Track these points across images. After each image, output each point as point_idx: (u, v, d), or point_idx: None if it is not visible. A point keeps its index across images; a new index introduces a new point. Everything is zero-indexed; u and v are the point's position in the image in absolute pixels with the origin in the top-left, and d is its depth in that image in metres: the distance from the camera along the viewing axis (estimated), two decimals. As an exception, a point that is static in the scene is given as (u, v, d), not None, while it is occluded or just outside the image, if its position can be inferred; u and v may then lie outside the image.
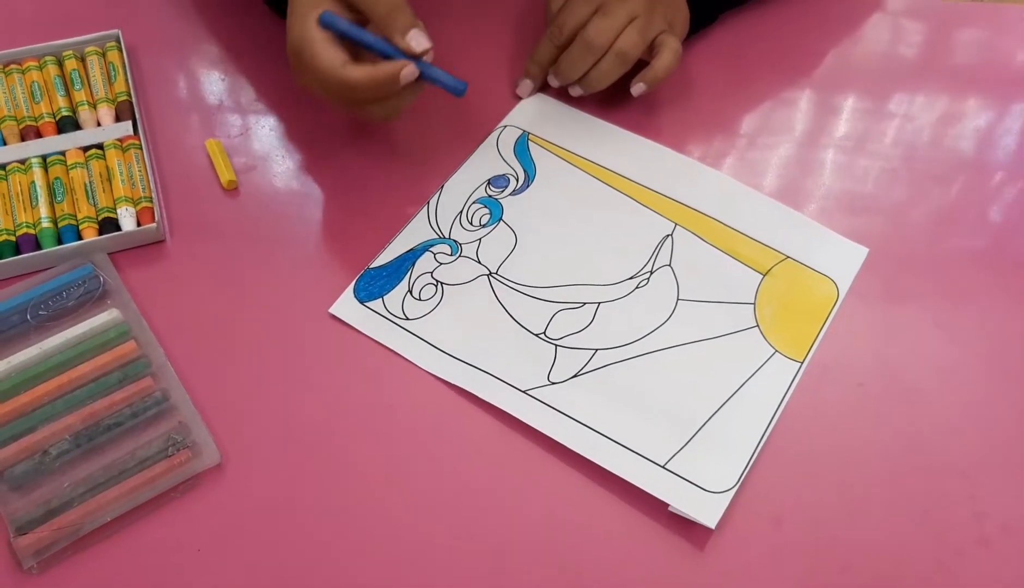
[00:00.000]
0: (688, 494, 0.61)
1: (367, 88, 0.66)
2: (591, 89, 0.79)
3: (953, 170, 0.79)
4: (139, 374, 0.65)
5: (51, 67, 0.81)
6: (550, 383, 0.66)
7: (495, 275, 0.72)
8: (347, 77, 0.65)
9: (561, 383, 0.66)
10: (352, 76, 0.65)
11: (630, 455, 0.63)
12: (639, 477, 0.61)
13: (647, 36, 0.77)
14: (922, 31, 0.91)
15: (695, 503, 0.60)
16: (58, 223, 0.72)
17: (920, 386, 0.67)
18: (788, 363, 0.67)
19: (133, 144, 0.76)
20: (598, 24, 0.76)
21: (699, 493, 0.61)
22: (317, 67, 0.65)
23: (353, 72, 0.65)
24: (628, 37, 0.76)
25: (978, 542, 0.60)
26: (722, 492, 0.61)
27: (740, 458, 0.62)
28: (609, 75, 0.78)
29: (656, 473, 0.62)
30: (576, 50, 0.78)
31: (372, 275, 0.72)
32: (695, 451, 0.63)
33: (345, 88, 0.66)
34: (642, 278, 0.71)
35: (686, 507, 0.60)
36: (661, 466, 0.62)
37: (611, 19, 0.76)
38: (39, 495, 0.60)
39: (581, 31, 0.77)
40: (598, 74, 0.78)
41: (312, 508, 0.61)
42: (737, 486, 0.61)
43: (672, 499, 0.60)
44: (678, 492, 0.61)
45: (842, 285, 0.71)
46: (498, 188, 0.77)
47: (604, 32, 0.76)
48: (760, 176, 0.78)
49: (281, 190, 0.77)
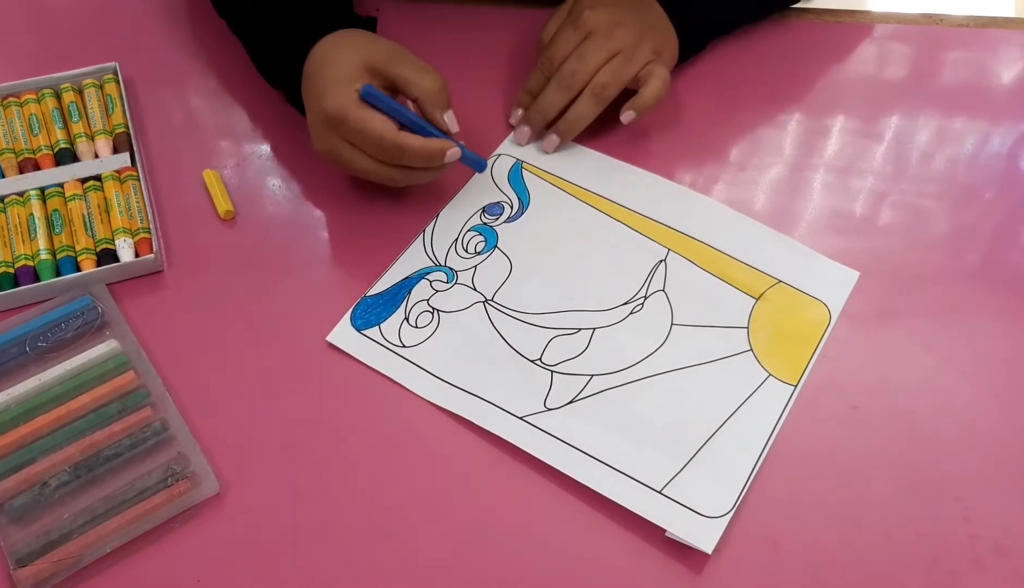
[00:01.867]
0: (685, 519, 0.61)
1: (417, 156, 0.70)
2: (571, 133, 0.80)
3: (942, 191, 0.80)
4: (138, 404, 0.65)
5: (49, 100, 0.82)
6: (547, 409, 0.67)
7: (491, 302, 0.72)
8: (404, 142, 0.69)
9: (557, 409, 0.67)
10: (409, 143, 0.69)
11: (626, 481, 0.63)
12: (636, 503, 0.62)
13: (629, 71, 0.78)
14: (909, 55, 0.92)
15: (692, 528, 0.61)
16: (56, 255, 0.72)
17: (913, 407, 0.67)
18: (782, 387, 0.68)
19: (131, 176, 0.77)
20: (573, 65, 0.77)
21: (696, 518, 0.61)
22: (370, 131, 0.68)
23: (410, 139, 0.69)
24: (603, 76, 0.77)
25: (973, 564, 0.60)
26: (718, 517, 0.61)
27: (736, 483, 0.63)
28: (585, 115, 0.79)
29: (653, 498, 0.62)
30: (553, 85, 0.78)
31: (369, 303, 0.72)
32: (691, 476, 0.63)
33: (398, 151, 0.69)
34: (636, 303, 0.72)
35: (683, 532, 0.60)
36: (658, 492, 0.62)
37: (588, 59, 0.77)
38: (39, 527, 0.60)
39: (559, 67, 0.78)
40: (575, 115, 0.79)
41: (311, 537, 0.61)
42: (733, 511, 0.61)
43: (669, 524, 0.61)
44: (675, 517, 0.61)
45: (834, 308, 0.72)
46: (493, 216, 0.78)
47: (581, 69, 0.77)
48: (751, 200, 0.79)
49: (278, 220, 0.77)
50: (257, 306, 0.72)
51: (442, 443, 0.65)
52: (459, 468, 0.64)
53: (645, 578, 0.60)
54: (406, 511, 0.62)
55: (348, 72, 0.70)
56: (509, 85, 0.87)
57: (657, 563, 0.61)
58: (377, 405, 0.67)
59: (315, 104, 0.70)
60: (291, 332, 0.70)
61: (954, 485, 0.64)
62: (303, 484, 0.63)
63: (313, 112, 0.71)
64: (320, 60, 0.71)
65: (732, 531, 0.61)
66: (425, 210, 0.78)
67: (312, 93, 0.71)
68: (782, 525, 0.62)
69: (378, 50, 0.71)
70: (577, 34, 0.78)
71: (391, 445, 0.65)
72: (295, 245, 0.76)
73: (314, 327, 0.70)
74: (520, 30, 0.91)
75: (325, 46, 0.72)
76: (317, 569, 0.60)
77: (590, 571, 0.60)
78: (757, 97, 0.87)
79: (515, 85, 0.85)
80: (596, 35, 0.78)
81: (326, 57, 0.71)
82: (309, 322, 0.71)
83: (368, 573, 0.60)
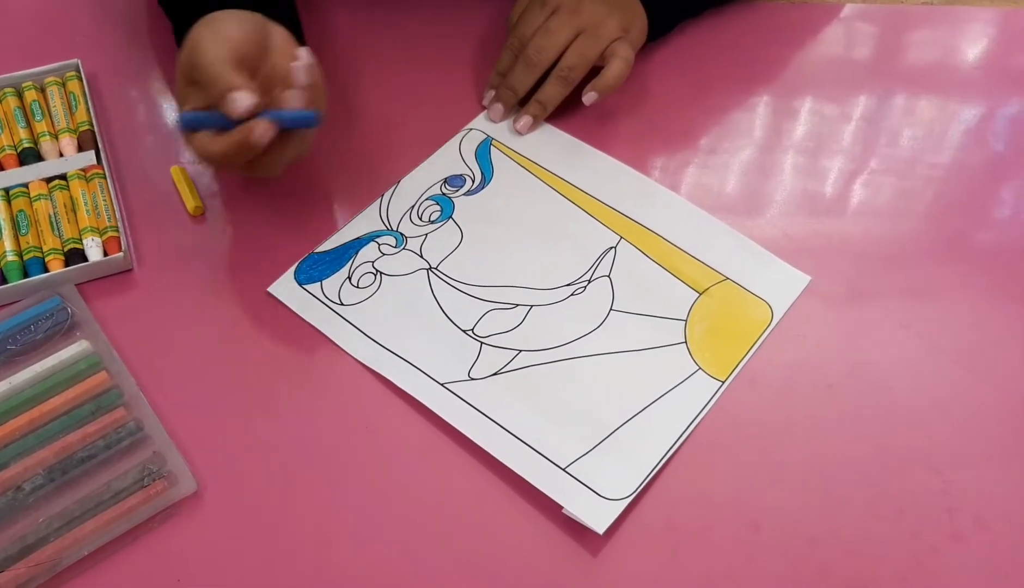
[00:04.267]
0: (583, 498, 0.61)
1: (234, 155, 0.64)
2: (542, 113, 0.81)
3: (911, 169, 0.81)
4: (111, 405, 0.64)
5: (11, 99, 0.80)
6: (470, 379, 0.67)
7: (434, 270, 0.73)
8: (211, 151, 0.64)
9: (480, 379, 0.67)
10: (213, 149, 0.64)
11: (534, 455, 0.63)
12: (538, 477, 0.62)
13: (595, 49, 0.78)
14: (876, 35, 0.92)
15: (588, 508, 0.61)
16: (23, 256, 0.71)
17: (889, 384, 0.68)
18: (709, 381, 0.67)
19: (97, 174, 0.76)
20: (539, 41, 0.78)
21: (594, 499, 0.61)
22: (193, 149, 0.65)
23: (212, 145, 0.64)
24: (569, 58, 0.78)
25: (952, 537, 0.61)
26: (616, 499, 0.61)
27: (642, 469, 0.63)
28: (554, 97, 0.80)
29: (556, 475, 0.62)
30: (520, 63, 0.79)
31: (315, 259, 0.73)
32: (598, 457, 0.63)
33: (215, 160, 0.65)
34: (579, 286, 0.72)
35: (578, 511, 0.60)
36: (562, 469, 0.63)
37: (553, 35, 0.78)
38: (14, 531, 0.59)
39: (524, 48, 0.78)
40: (544, 97, 0.80)
41: (291, 532, 0.61)
42: (633, 496, 0.61)
43: (567, 502, 0.61)
44: (574, 496, 0.61)
45: (777, 310, 0.71)
46: (453, 187, 0.78)
47: (544, 49, 0.78)
48: (721, 183, 0.79)
49: (248, 213, 0.76)
50: (229, 302, 0.71)
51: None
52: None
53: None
54: (384, 505, 0.62)
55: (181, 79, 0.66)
56: (482, 70, 0.86)
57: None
58: (356, 400, 0.67)
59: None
60: (264, 327, 0.70)
61: (932, 460, 0.64)
62: (280, 479, 0.63)
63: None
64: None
65: (714, 511, 0.62)
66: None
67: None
68: (763, 505, 0.62)
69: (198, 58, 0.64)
70: (544, 11, 0.79)
71: (372, 438, 0.65)
72: (266, 239, 0.75)
73: (287, 322, 0.70)
74: (494, 15, 0.90)
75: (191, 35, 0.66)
76: (296, 563, 0.59)
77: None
78: (725, 79, 0.87)
79: (488, 70, 0.85)
80: (562, 11, 0.78)
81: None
82: (282, 317, 0.70)
83: (348, 565, 0.60)
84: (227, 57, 0.63)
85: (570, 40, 0.78)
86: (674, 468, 0.64)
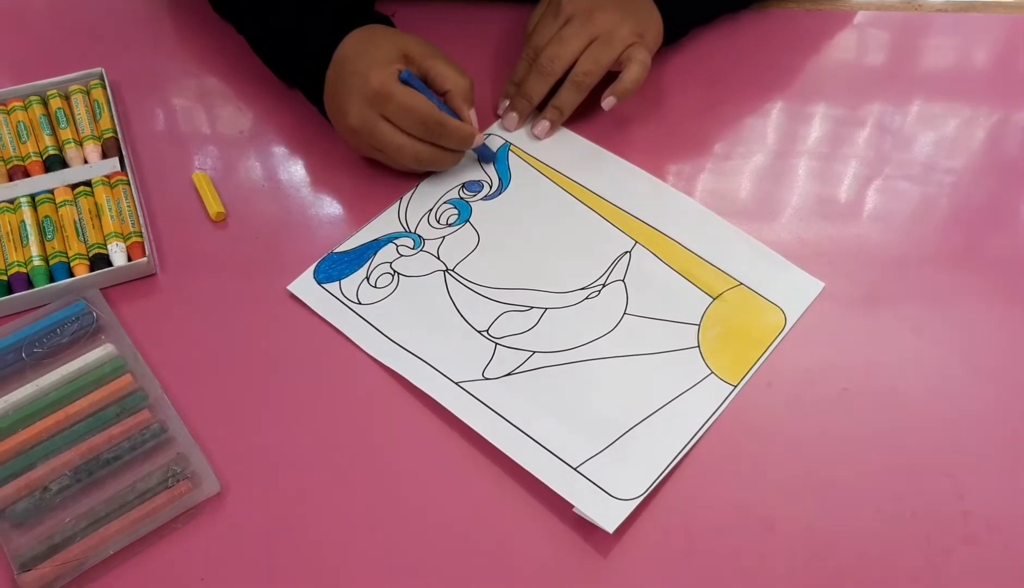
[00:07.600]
0: (594, 498, 0.62)
1: (455, 133, 0.74)
2: (558, 119, 0.82)
3: (925, 175, 0.81)
4: (136, 407, 0.66)
5: (36, 107, 0.82)
6: (483, 378, 0.68)
7: (451, 272, 0.74)
8: (445, 120, 0.73)
9: (494, 379, 0.68)
10: (450, 121, 0.74)
11: (545, 454, 0.64)
12: (549, 476, 0.63)
13: (609, 55, 0.79)
14: (890, 41, 0.93)
15: (598, 507, 0.61)
16: (49, 261, 0.73)
17: (903, 388, 0.68)
18: (721, 385, 0.68)
19: (121, 180, 0.77)
20: (552, 50, 0.79)
21: (604, 498, 0.62)
22: (415, 106, 0.72)
23: (451, 118, 0.74)
24: (584, 64, 0.79)
25: (965, 540, 0.61)
26: (627, 499, 0.62)
27: (652, 470, 0.63)
28: (569, 103, 0.81)
29: (567, 474, 0.63)
30: (535, 72, 0.80)
31: (333, 259, 0.74)
32: (610, 458, 0.64)
33: (439, 127, 0.73)
34: (593, 290, 0.73)
35: (588, 510, 0.61)
36: (573, 468, 0.63)
37: (566, 43, 0.79)
38: (41, 531, 0.60)
39: (538, 56, 0.80)
40: (560, 103, 0.81)
41: (313, 532, 0.61)
42: (643, 496, 0.62)
43: (577, 501, 0.62)
44: (585, 495, 0.62)
45: (791, 315, 0.72)
46: (471, 192, 0.79)
47: (557, 57, 0.79)
48: (736, 188, 0.80)
49: (269, 219, 0.78)
50: (251, 305, 0.72)
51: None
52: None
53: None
54: (407, 499, 0.63)
55: (388, 57, 0.73)
56: (498, 81, 0.87)
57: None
58: (378, 401, 0.68)
59: (360, 83, 0.72)
60: (286, 330, 0.71)
61: (945, 463, 0.65)
62: (303, 479, 0.64)
63: (354, 91, 0.73)
64: (356, 48, 0.74)
65: (727, 510, 0.62)
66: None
67: (352, 76, 0.73)
68: (778, 506, 0.63)
69: (414, 43, 0.75)
70: (558, 21, 0.80)
71: (391, 439, 0.66)
72: (287, 243, 0.76)
73: (308, 324, 0.71)
74: (510, 28, 0.91)
75: (360, 35, 0.75)
76: (320, 563, 0.60)
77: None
78: (740, 85, 0.88)
79: (504, 80, 0.86)
80: (575, 20, 0.79)
81: (363, 45, 0.74)
82: (303, 320, 0.71)
83: (372, 565, 0.60)
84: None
85: (583, 47, 0.79)
86: (687, 470, 0.64)
